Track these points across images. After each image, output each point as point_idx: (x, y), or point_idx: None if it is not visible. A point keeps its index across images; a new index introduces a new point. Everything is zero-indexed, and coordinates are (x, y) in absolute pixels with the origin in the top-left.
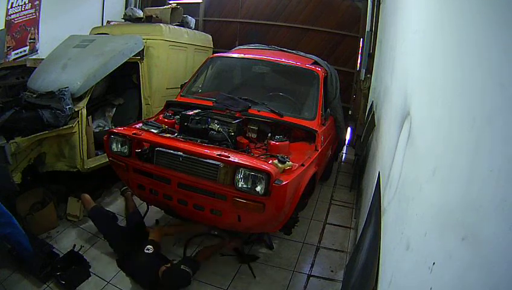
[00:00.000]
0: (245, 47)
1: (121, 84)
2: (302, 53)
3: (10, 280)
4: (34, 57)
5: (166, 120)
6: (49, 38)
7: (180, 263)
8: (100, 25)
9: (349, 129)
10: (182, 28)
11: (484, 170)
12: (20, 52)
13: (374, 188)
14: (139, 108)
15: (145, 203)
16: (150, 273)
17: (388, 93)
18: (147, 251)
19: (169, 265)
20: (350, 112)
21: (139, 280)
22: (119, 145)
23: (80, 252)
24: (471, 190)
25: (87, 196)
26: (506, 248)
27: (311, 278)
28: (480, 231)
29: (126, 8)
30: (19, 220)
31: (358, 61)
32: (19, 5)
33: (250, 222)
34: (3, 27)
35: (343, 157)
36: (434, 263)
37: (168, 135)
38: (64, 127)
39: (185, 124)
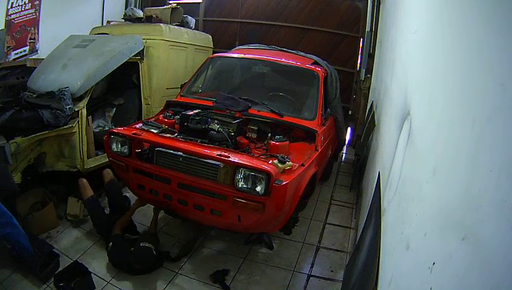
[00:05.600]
0: (245, 47)
1: (121, 84)
2: (302, 53)
3: (10, 280)
4: (34, 57)
5: (166, 120)
6: (49, 38)
7: (139, 241)
8: (100, 25)
9: (349, 129)
10: (182, 28)
11: (484, 170)
12: (20, 52)
13: (374, 188)
14: (139, 108)
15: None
16: (124, 257)
17: (388, 93)
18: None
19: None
20: (350, 112)
21: (119, 266)
22: (119, 145)
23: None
24: (471, 190)
25: (85, 181)
26: (506, 248)
27: (311, 278)
28: (480, 231)
29: (126, 8)
30: (19, 220)
31: (358, 61)
32: (19, 5)
33: (250, 222)
34: (3, 27)
35: (343, 157)
36: (434, 263)
37: (168, 135)
38: (64, 127)
39: (185, 124)
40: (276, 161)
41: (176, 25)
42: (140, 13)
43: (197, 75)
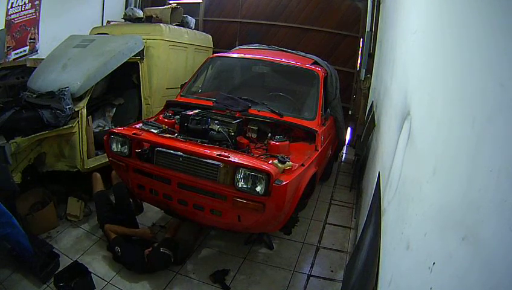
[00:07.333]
0: (245, 47)
1: (121, 84)
2: (302, 53)
3: (10, 280)
4: (34, 57)
5: (166, 120)
6: (49, 38)
7: (159, 246)
8: (100, 25)
9: (349, 129)
10: (182, 28)
11: (484, 170)
12: (20, 52)
13: (374, 188)
14: (139, 108)
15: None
16: (138, 258)
17: (388, 93)
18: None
19: (150, 249)
20: (350, 112)
21: (130, 265)
22: (119, 145)
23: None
24: (471, 190)
25: (98, 175)
26: (506, 248)
27: (311, 278)
28: (480, 231)
29: (126, 8)
30: (19, 220)
31: (358, 61)
32: (19, 5)
33: (250, 222)
34: (3, 27)
35: (343, 157)
36: (434, 263)
37: (168, 135)
38: (64, 127)
39: (185, 124)
40: (276, 161)
41: (176, 25)
42: (140, 13)
43: (197, 75)
